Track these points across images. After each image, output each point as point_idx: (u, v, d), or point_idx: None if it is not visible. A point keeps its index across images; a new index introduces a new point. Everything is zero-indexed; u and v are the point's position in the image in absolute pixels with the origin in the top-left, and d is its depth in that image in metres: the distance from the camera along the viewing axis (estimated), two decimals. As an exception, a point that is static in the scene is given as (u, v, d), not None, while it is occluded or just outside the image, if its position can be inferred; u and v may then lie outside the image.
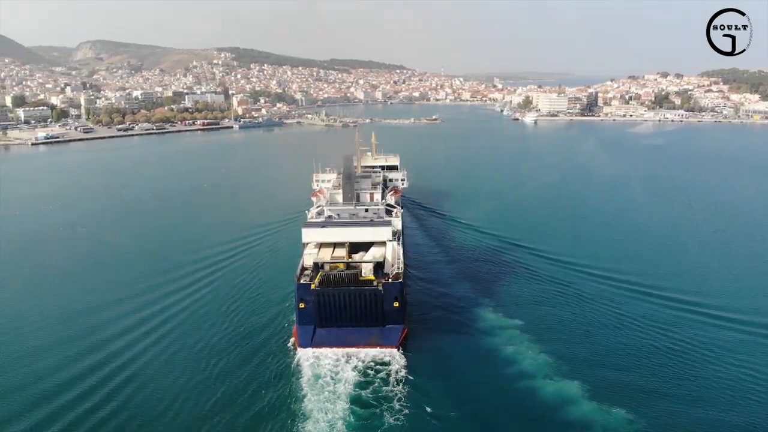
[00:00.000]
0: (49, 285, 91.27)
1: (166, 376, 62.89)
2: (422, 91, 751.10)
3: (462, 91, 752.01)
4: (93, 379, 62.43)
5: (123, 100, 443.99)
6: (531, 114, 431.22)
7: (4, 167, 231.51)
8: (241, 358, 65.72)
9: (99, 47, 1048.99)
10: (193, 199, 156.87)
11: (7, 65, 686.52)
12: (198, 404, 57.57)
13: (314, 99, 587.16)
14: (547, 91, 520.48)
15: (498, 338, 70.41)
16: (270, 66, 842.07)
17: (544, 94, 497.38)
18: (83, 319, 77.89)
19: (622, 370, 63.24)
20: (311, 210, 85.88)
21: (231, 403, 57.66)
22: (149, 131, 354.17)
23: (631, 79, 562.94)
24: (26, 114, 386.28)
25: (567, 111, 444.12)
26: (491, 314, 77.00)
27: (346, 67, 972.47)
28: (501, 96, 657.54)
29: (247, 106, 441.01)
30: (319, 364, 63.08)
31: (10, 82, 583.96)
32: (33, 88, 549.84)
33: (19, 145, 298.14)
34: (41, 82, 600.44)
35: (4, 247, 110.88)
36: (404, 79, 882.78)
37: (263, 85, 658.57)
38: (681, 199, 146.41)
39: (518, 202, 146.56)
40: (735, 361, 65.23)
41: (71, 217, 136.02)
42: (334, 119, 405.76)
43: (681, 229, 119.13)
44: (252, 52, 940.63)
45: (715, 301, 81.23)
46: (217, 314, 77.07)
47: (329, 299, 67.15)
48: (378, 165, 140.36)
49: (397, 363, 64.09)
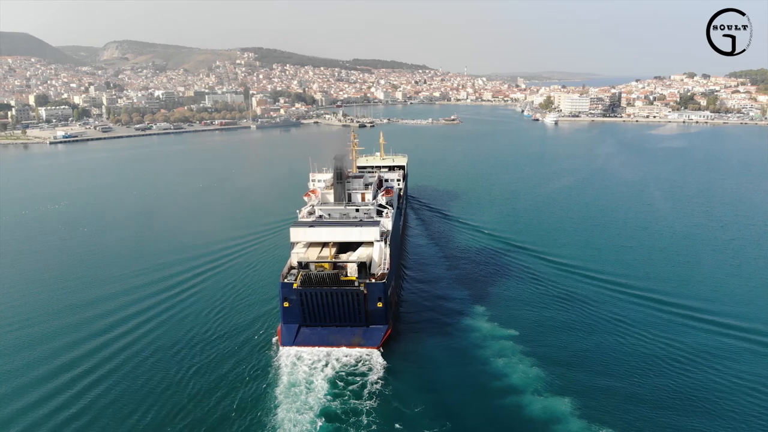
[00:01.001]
0: (38, 282, 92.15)
1: (146, 370, 63.71)
2: (443, 91, 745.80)
3: (484, 91, 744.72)
4: (68, 375, 63.44)
5: (144, 99, 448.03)
6: (551, 114, 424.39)
7: (20, 165, 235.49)
8: (223, 353, 66.48)
9: (125, 47, 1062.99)
10: (196, 199, 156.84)
11: (33, 64, 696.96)
12: (170, 399, 58.23)
13: (334, 99, 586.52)
14: (571, 91, 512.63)
15: (489, 348, 68.11)
16: (292, 66, 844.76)
17: (566, 94, 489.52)
18: (67, 316, 79.26)
19: (621, 387, 60.13)
20: (303, 209, 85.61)
21: (203, 398, 58.19)
22: (167, 131, 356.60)
23: (657, 80, 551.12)
24: (48, 113, 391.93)
25: (589, 112, 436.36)
26: (485, 322, 74.86)
27: (369, 67, 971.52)
28: (523, 96, 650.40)
29: (265, 106, 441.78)
30: (296, 367, 62.72)
31: (35, 81, 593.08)
32: (57, 88, 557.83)
33: (38, 144, 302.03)
34: (66, 81, 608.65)
35: (4, 245, 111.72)
36: (425, 79, 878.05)
37: (284, 85, 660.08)
38: (699, 206, 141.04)
39: (529, 206, 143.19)
40: (748, 376, 61.99)
41: (74, 216, 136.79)
42: (351, 119, 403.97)
43: (696, 237, 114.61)
44: (275, 53, 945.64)
45: (726, 312, 77.93)
46: (206, 311, 77.87)
47: (311, 299, 67.32)
48: (385, 165, 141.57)
49: (376, 372, 62.73)
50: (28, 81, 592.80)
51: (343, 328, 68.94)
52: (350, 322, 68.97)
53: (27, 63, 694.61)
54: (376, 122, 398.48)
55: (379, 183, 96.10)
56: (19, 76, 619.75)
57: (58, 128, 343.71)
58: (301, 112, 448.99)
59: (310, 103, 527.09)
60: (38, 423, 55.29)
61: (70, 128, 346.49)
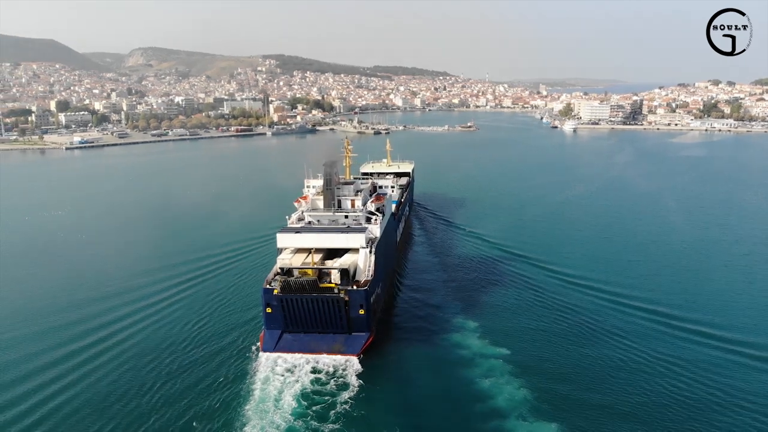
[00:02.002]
0: (22, 286, 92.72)
1: (124, 372, 64.11)
2: (462, 97, 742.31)
3: (504, 98, 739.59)
4: (47, 375, 63.93)
5: (163, 106, 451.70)
6: (570, 122, 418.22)
7: (32, 171, 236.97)
8: (202, 357, 66.68)
9: (150, 54, 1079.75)
10: (198, 205, 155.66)
11: (57, 70, 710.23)
12: (143, 401, 58.65)
13: (352, 106, 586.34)
14: (592, 98, 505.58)
15: (476, 366, 65.00)
16: (312, 73, 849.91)
17: (586, 101, 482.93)
18: (53, 317, 79.82)
19: (616, 408, 56.56)
20: (293, 216, 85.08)
21: (174, 401, 58.26)
22: (182, 137, 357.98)
23: (681, 87, 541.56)
24: (67, 119, 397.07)
25: (609, 119, 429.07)
26: (476, 338, 71.63)
27: (389, 74, 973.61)
28: (543, 103, 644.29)
29: (282, 113, 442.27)
30: (269, 378, 62.04)
31: (58, 87, 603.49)
32: (80, 94, 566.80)
33: (54, 149, 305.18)
34: (89, 87, 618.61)
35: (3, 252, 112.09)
36: (445, 85, 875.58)
37: (304, 92, 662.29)
38: (714, 218, 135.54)
39: (537, 216, 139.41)
40: (757, 398, 58.22)
41: (76, 222, 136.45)
42: (366, 126, 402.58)
43: (708, 251, 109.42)
44: (296, 60, 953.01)
45: (735, 330, 73.66)
46: (192, 316, 77.95)
47: (292, 305, 67.58)
48: (391, 171, 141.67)
49: (349, 390, 60.23)
50: (51, 87, 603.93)
51: (325, 335, 68.96)
52: (332, 328, 68.95)
53: (51, 69, 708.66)
54: (391, 129, 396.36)
55: (372, 189, 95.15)
56: (42, 82, 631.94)
57: (75, 134, 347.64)
58: (317, 119, 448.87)
59: (328, 109, 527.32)
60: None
61: (87, 134, 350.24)
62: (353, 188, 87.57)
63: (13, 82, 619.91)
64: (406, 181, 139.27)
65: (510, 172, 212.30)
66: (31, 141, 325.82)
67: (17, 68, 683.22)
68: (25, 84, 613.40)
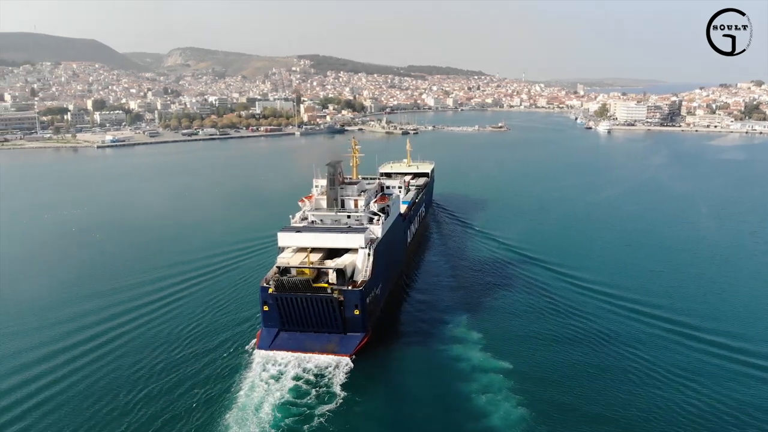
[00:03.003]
0: (36, 281, 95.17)
1: (119, 366, 65.32)
2: (496, 97, 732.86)
3: (539, 98, 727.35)
4: (37, 369, 65.23)
5: (197, 105, 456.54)
6: (604, 123, 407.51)
7: (62, 169, 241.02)
8: (198, 352, 67.80)
9: (188, 54, 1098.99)
10: (212, 204, 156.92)
11: (96, 70, 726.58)
12: (130, 393, 59.76)
13: (384, 106, 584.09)
14: (630, 98, 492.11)
15: (474, 379, 61.89)
16: (345, 73, 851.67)
17: (622, 101, 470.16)
18: (55, 311, 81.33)
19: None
20: (296, 215, 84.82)
21: (162, 395, 59.39)
22: (212, 136, 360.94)
23: (722, 88, 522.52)
24: (102, 117, 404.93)
25: (645, 120, 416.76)
26: (478, 349, 68.33)
27: (423, 73, 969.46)
28: (579, 103, 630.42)
29: (312, 113, 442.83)
30: (262, 372, 63.03)
31: (96, 86, 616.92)
32: (117, 93, 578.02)
33: (86, 148, 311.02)
34: (126, 86, 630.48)
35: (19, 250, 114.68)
36: (479, 85, 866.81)
37: (337, 92, 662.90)
38: (748, 225, 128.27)
39: (560, 219, 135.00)
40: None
41: (91, 221, 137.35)
42: (394, 126, 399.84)
43: (737, 262, 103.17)
44: (330, 60, 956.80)
45: (762, 348, 68.42)
46: (195, 312, 79.11)
47: (286, 304, 68.47)
48: (409, 172, 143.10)
49: (336, 399, 58.55)
50: (90, 86, 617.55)
51: (321, 334, 69.70)
52: (327, 328, 69.52)
53: (91, 68, 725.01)
54: (420, 129, 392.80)
55: (379, 190, 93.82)
56: (82, 81, 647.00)
57: (108, 132, 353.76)
58: (346, 119, 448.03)
59: (359, 109, 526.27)
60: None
61: (120, 133, 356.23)
62: (357, 188, 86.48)
63: (53, 81, 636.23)
64: (423, 181, 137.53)
65: (537, 174, 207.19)
66: (64, 139, 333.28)
67: (57, 67, 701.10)
68: (65, 83, 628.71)
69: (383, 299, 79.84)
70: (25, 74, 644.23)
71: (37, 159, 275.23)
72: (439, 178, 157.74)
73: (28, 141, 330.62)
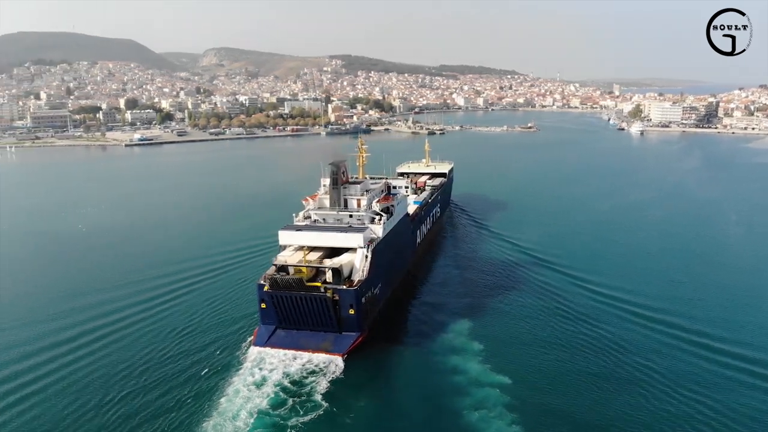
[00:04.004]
0: (33, 279, 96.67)
1: (118, 358, 66.55)
2: (528, 97, 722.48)
3: (572, 98, 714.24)
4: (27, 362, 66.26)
5: (227, 105, 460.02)
6: (637, 124, 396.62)
7: (78, 168, 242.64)
8: (196, 346, 68.79)
9: (223, 54, 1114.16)
10: (223, 203, 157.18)
11: (131, 69, 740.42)
12: (118, 385, 60.76)
13: (412, 105, 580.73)
14: (667, 99, 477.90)
15: (469, 393, 58.63)
16: (376, 73, 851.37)
17: (656, 102, 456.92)
18: (59, 304, 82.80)
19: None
20: (300, 213, 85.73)
21: (157, 385, 60.55)
22: (239, 136, 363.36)
23: (762, 88, 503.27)
24: (133, 116, 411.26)
25: (680, 122, 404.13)
26: (477, 360, 64.78)
27: (455, 73, 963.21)
28: (614, 104, 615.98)
29: (340, 113, 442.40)
30: (254, 369, 63.37)
31: (131, 86, 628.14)
32: (151, 92, 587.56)
33: (115, 146, 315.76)
34: (160, 86, 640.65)
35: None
36: (512, 84, 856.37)
37: (367, 92, 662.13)
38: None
39: (580, 224, 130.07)
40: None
41: (104, 220, 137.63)
42: (420, 126, 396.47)
43: (766, 274, 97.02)
44: (362, 60, 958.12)
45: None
46: (197, 308, 79.87)
47: (281, 302, 69.11)
48: (427, 171, 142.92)
49: (322, 392, 58.87)
50: (124, 85, 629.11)
51: (317, 332, 69.91)
52: (323, 327, 69.71)
53: (126, 68, 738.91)
54: (447, 129, 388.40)
55: (386, 189, 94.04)
56: (117, 80, 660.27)
57: (137, 131, 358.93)
58: (373, 119, 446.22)
59: (387, 109, 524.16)
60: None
61: (149, 131, 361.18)
62: (360, 188, 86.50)
63: (89, 80, 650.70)
64: (439, 181, 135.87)
65: (561, 176, 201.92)
66: (94, 137, 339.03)
67: (94, 67, 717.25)
68: (100, 82, 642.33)
69: (383, 300, 79.35)
70: (62, 73, 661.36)
71: (63, 157, 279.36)
72: (460, 179, 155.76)
73: (59, 139, 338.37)
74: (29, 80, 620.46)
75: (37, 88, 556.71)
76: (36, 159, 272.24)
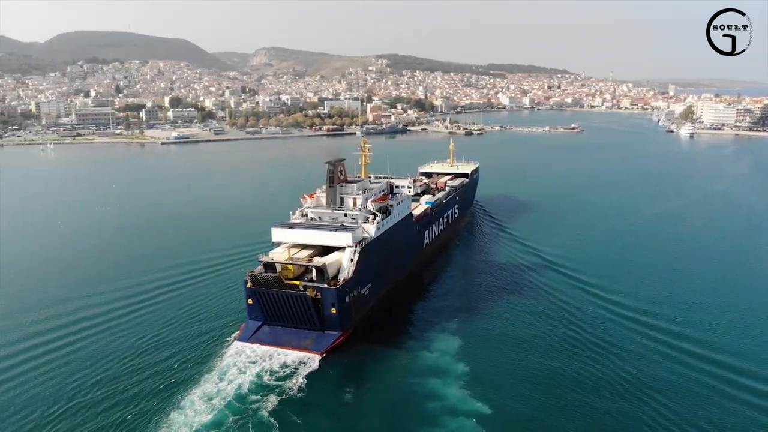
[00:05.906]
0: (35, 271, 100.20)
1: (103, 348, 68.95)
2: (576, 97, 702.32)
3: (622, 98, 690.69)
4: None
5: (269, 104, 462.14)
6: (687, 126, 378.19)
7: (111, 166, 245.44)
8: (181, 338, 70.72)
9: (272, 54, 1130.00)
10: (238, 202, 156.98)
11: (180, 68, 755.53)
12: (93, 373, 63.04)
13: (455, 105, 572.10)
14: (723, 100, 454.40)
15: (441, 423, 53.89)
16: (421, 72, 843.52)
17: (709, 103, 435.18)
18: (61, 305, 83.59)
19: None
20: (297, 211, 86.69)
21: (123, 376, 62.32)
22: (275, 135, 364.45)
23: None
24: (175, 114, 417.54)
25: (734, 124, 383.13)
26: (458, 386, 59.88)
27: (503, 72, 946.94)
28: (666, 104, 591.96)
29: (378, 113, 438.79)
30: (233, 363, 64.13)
31: (178, 84, 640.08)
32: (197, 91, 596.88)
33: (152, 144, 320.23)
34: (207, 85, 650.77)
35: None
36: (561, 84, 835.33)
37: (410, 91, 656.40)
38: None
39: (612, 232, 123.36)
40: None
41: (121, 219, 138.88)
42: (458, 126, 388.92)
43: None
44: (408, 59, 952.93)
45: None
46: (194, 303, 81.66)
47: (264, 298, 70.56)
48: (449, 172, 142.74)
49: (293, 390, 59.29)
50: (172, 84, 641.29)
51: (301, 330, 70.92)
52: (305, 325, 70.74)
53: (176, 67, 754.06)
54: (486, 129, 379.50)
55: (389, 189, 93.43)
56: (166, 79, 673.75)
57: (175, 129, 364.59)
58: (410, 119, 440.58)
59: (428, 109, 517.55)
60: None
61: (188, 130, 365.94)
62: (357, 187, 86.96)
63: (139, 78, 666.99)
64: (459, 182, 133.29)
65: (599, 179, 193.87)
66: (133, 135, 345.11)
67: (145, 65, 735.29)
68: (149, 81, 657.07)
69: (374, 300, 79.14)
70: (114, 72, 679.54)
71: (97, 154, 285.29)
72: (491, 180, 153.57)
73: (99, 136, 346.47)
74: (81, 78, 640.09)
75: (88, 86, 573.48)
76: (71, 156, 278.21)
